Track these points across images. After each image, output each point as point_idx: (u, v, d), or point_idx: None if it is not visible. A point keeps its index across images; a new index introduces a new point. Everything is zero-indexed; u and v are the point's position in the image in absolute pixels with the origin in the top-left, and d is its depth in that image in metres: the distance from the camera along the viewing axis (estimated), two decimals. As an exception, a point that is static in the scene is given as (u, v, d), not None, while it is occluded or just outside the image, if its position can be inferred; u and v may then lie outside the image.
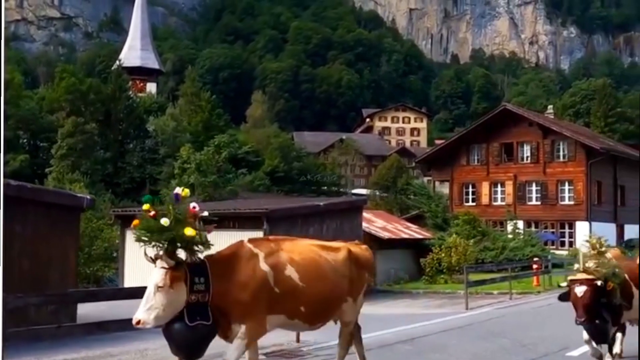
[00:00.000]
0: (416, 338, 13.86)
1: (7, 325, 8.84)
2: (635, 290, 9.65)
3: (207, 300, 6.52)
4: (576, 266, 9.57)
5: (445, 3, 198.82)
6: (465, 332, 15.17)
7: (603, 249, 9.84)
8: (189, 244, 6.54)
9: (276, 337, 14.43)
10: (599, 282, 8.83)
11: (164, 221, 6.30)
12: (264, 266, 6.91)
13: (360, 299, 8.23)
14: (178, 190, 6.65)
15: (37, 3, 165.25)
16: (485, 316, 18.66)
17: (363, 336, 15.19)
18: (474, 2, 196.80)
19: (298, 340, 13.67)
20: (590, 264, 9.25)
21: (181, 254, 6.59)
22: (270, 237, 7.89)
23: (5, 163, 59.62)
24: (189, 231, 6.36)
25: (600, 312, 8.99)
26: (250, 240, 7.22)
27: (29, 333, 9.71)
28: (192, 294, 6.44)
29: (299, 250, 7.43)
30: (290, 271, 7.07)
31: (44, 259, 15.06)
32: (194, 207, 6.60)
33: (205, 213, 6.74)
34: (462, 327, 15.95)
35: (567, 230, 44.11)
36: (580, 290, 8.88)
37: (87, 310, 15.75)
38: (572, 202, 44.26)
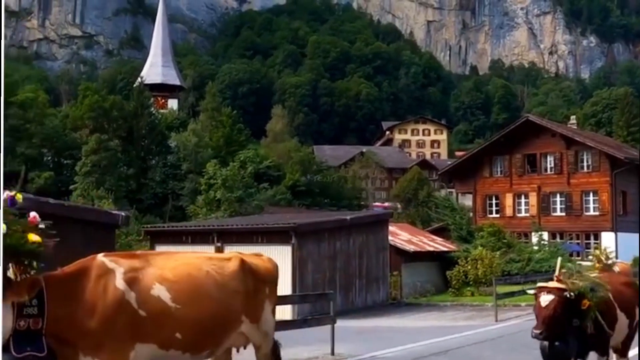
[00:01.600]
0: (450, 350, 13.92)
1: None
2: (619, 313, 8.24)
3: (40, 328, 5.29)
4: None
5: (463, 14, 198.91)
6: (498, 343, 15.20)
7: (609, 262, 9.01)
8: (21, 258, 5.36)
9: (310, 350, 14.58)
10: (568, 294, 7.55)
11: (3, 227, 5.14)
12: (120, 284, 5.63)
13: (266, 318, 6.89)
14: (10, 193, 5.47)
15: (59, 22, 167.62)
16: (516, 328, 18.63)
17: (394, 349, 15.32)
18: (493, 13, 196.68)
19: (333, 352, 13.79)
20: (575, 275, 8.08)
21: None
22: (138, 252, 6.66)
23: (31, 180, 60.48)
24: (33, 238, 5.30)
25: (565, 334, 7.61)
26: (108, 254, 5.96)
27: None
28: (20, 319, 5.23)
29: (173, 266, 6.12)
30: (159, 290, 5.79)
31: (80, 275, 15.28)
32: (34, 217, 5.56)
33: (42, 225, 5.61)
34: (494, 339, 15.98)
35: (592, 241, 43.71)
36: (545, 299, 7.60)
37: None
38: (597, 213, 43.92)
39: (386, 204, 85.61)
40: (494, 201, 47.98)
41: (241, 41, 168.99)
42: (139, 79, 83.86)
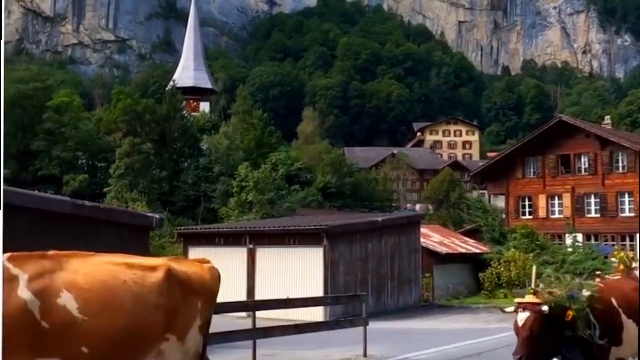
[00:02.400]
0: (483, 352, 13.84)
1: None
2: (626, 320, 7.51)
3: None
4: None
5: (495, 14, 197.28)
6: (532, 347, 15.02)
7: (634, 264, 8.48)
8: None
9: (343, 352, 14.60)
10: (544, 308, 6.83)
11: None
12: (23, 292, 5.06)
13: (193, 337, 6.05)
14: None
15: (93, 27, 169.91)
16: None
17: (427, 351, 15.27)
18: (525, 12, 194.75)
19: (365, 354, 13.80)
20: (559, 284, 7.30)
21: None
22: (50, 253, 5.62)
23: (66, 183, 61.42)
24: None
25: (555, 349, 6.96)
26: (13, 257, 5.23)
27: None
28: None
29: (87, 271, 5.45)
30: (67, 299, 5.20)
31: (115, 276, 15.48)
32: None
33: None
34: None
35: (627, 243, 43.08)
36: (521, 317, 6.89)
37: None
38: (632, 214, 43.21)
39: (417, 206, 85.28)
40: (526, 202, 47.51)
41: (272, 44, 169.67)
42: (171, 83, 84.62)
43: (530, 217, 46.09)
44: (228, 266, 25.35)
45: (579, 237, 41.02)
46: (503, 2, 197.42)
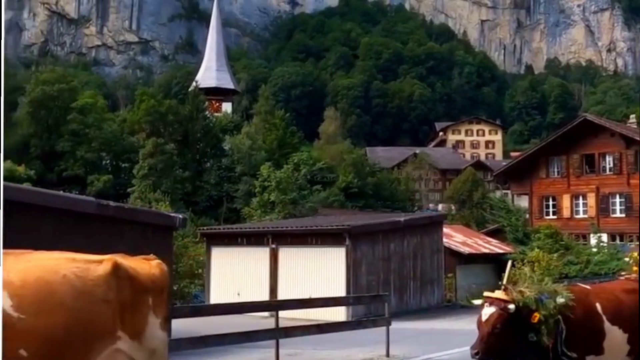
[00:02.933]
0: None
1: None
2: (609, 327, 6.98)
3: None
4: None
5: (518, 13, 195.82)
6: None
7: None
8: None
9: (365, 352, 14.61)
10: (510, 306, 6.53)
11: None
12: None
13: (152, 334, 5.65)
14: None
15: (116, 28, 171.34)
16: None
17: (450, 352, 15.21)
18: (548, 10, 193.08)
19: (388, 354, 13.79)
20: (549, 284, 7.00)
21: None
22: None
23: (90, 183, 62.04)
24: None
25: (515, 353, 6.63)
26: None
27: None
28: None
29: (22, 267, 5.02)
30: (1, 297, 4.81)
31: (139, 276, 15.64)
32: None
33: None
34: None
35: (654, 243, 42.59)
36: (486, 312, 6.64)
37: (176, 325, 16.28)
38: (658, 214, 42.75)
39: (439, 206, 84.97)
40: (550, 202, 47.13)
41: (294, 44, 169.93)
42: (194, 83, 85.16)
43: (554, 217, 45.72)
44: (251, 266, 25.51)
45: (604, 237, 40.63)
46: (526, 1, 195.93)
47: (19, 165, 54.77)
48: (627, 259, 8.85)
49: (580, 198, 45.91)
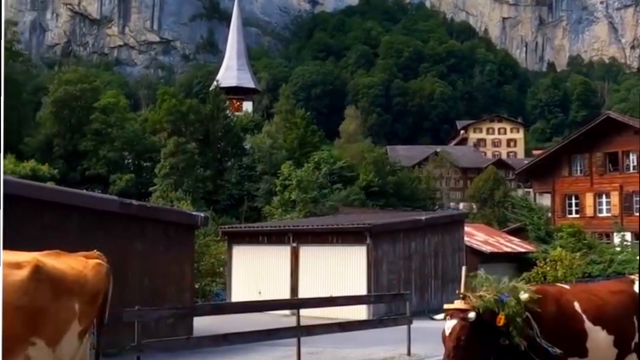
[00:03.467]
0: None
1: (141, 337, 9.42)
2: (591, 328, 6.58)
3: None
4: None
5: (539, 10, 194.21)
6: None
7: None
8: None
9: (386, 350, 14.60)
10: (470, 315, 6.11)
11: None
12: None
13: (69, 344, 5.33)
14: None
15: (138, 28, 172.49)
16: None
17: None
18: (571, 7, 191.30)
19: (409, 353, 13.78)
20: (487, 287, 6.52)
21: None
22: None
23: (113, 182, 62.54)
24: None
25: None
26: None
27: (162, 344, 10.24)
28: None
29: None
30: None
31: (161, 274, 15.79)
32: None
33: None
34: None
35: (678, 242, 42.07)
36: (448, 325, 6.23)
37: (198, 324, 16.38)
38: (683, 213, 42.22)
39: (460, 204, 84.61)
40: (573, 201, 46.77)
41: (314, 43, 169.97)
42: (215, 83, 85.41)
43: (577, 215, 45.37)
44: (272, 264, 25.59)
45: (628, 236, 40.24)
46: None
47: (42, 165, 55.30)
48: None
49: (604, 196, 45.50)
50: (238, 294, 25.33)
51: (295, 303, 15.77)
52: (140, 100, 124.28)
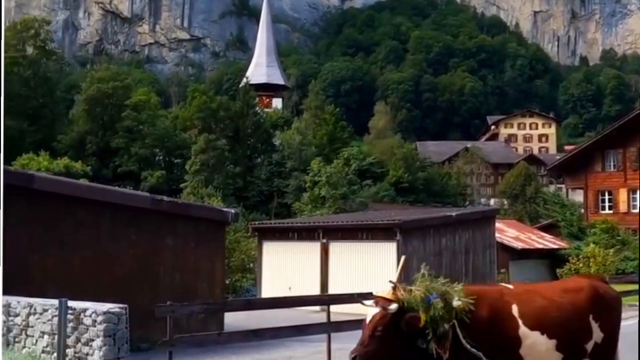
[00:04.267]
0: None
1: (172, 332, 9.51)
2: (526, 332, 6.11)
3: None
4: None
5: (572, 4, 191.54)
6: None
7: None
8: None
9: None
10: (391, 306, 5.77)
11: None
12: None
13: None
14: None
15: (169, 26, 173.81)
16: (632, 328, 17.86)
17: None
18: (604, 0, 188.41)
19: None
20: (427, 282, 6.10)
21: None
22: None
23: (144, 179, 63.14)
24: None
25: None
26: None
27: (193, 339, 10.34)
28: None
29: None
30: None
31: (192, 270, 15.93)
32: None
33: None
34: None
35: None
36: (370, 312, 5.93)
37: (228, 320, 16.48)
38: None
39: (491, 200, 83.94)
40: (606, 197, 46.15)
41: (343, 39, 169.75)
42: (245, 80, 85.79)
43: (611, 211, 44.76)
44: (301, 260, 25.65)
45: (663, 232, 39.58)
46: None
47: (76, 162, 56.04)
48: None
49: (638, 192, 44.80)
50: (268, 290, 25.43)
51: (325, 299, 15.79)
52: (170, 98, 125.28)
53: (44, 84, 71.75)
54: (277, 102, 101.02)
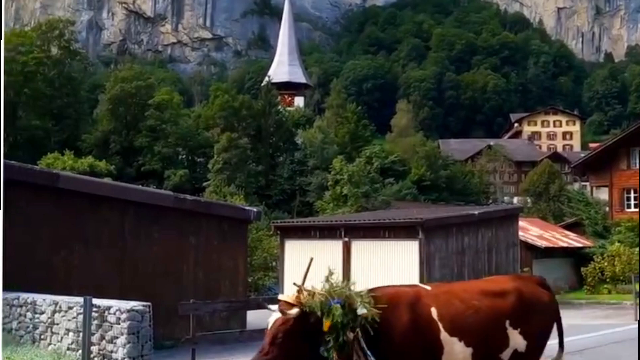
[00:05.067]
0: (587, 349, 13.45)
1: (195, 330, 9.58)
2: (446, 338, 5.68)
3: None
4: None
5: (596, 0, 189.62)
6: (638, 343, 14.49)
7: None
8: None
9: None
10: (291, 312, 5.47)
11: None
12: None
13: None
14: None
15: (191, 26, 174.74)
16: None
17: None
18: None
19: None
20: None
21: None
22: None
23: (167, 178, 63.58)
24: None
25: None
26: None
27: (215, 337, 10.41)
28: None
29: None
30: None
31: (215, 268, 16.03)
32: None
33: None
34: (633, 339, 15.23)
35: None
36: (273, 317, 5.64)
37: (251, 318, 16.55)
38: None
39: (515, 199, 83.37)
40: (632, 195, 45.58)
41: (365, 37, 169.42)
42: (267, 78, 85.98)
43: (636, 209, 44.16)
44: (323, 259, 25.64)
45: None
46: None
47: (100, 161, 56.58)
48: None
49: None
50: (290, 288, 25.48)
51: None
52: (193, 97, 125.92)
53: (69, 83, 72.48)
54: (299, 101, 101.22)
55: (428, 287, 6.20)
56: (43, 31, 74.29)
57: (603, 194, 49.33)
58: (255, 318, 16.11)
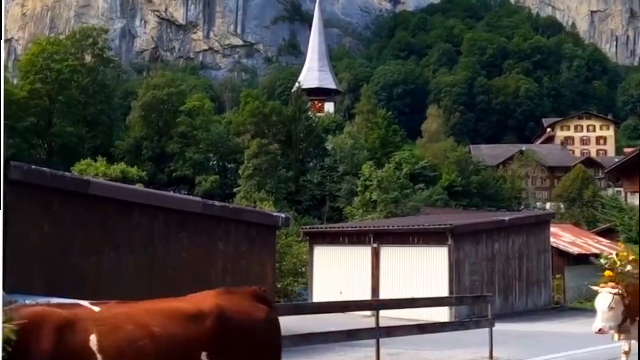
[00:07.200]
0: (615, 358, 13.24)
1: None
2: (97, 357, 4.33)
3: None
4: None
5: (630, 2, 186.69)
6: (672, 353, 14.22)
7: (626, 269, 6.87)
8: None
9: (468, 353, 14.42)
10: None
11: None
12: None
13: None
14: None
15: (222, 33, 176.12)
16: None
17: (557, 355, 14.80)
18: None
19: (491, 356, 13.57)
20: None
21: None
22: None
23: (198, 184, 64.11)
24: None
25: None
26: None
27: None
28: None
29: None
30: None
31: (243, 274, 16.08)
32: None
33: None
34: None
35: None
36: None
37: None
38: None
39: (547, 204, 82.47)
40: (667, 201, 44.75)
41: (395, 42, 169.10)
42: (297, 84, 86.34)
43: (672, 216, 43.40)
44: (352, 265, 25.66)
45: None
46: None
47: (132, 167, 57.26)
48: (603, 260, 6.85)
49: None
50: (319, 294, 25.52)
51: (375, 304, 15.77)
52: (224, 103, 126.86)
53: (102, 91, 73.59)
54: (329, 107, 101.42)
55: (96, 308, 4.64)
56: (77, 39, 75.54)
57: (637, 200, 48.56)
58: (283, 324, 16.15)
